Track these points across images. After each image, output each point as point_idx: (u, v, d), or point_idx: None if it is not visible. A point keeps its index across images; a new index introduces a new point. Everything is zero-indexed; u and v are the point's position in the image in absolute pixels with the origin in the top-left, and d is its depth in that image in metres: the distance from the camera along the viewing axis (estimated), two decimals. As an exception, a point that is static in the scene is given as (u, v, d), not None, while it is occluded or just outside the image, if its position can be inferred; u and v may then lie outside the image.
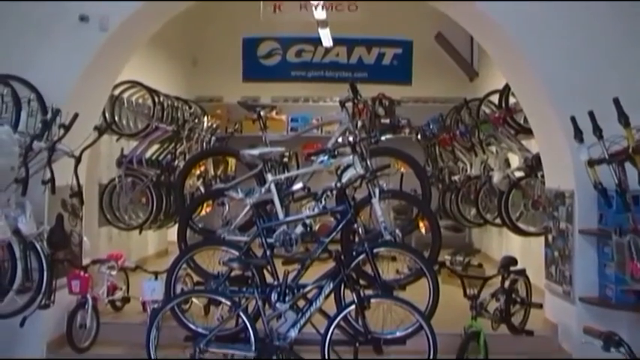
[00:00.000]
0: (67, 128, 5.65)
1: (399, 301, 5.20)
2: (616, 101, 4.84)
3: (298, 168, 6.80)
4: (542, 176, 6.84)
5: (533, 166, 7.31)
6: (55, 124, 5.64)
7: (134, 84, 8.51)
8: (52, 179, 5.62)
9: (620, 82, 5.59)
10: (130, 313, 6.82)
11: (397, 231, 5.59)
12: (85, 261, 6.45)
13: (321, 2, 8.49)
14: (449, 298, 5.61)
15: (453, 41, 11.80)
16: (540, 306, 6.08)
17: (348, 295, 5.23)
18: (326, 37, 10.93)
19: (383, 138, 5.78)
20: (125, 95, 8.51)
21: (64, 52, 6.06)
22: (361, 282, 5.45)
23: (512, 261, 6.02)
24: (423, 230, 6.36)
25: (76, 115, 5.70)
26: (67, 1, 6.02)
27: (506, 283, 5.83)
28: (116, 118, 8.29)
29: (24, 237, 5.14)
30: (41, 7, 6.03)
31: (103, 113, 7.68)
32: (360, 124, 6.22)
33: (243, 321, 5.08)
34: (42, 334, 5.78)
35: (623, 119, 4.79)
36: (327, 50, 12.16)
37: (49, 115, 5.63)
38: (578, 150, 5.18)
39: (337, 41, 11.53)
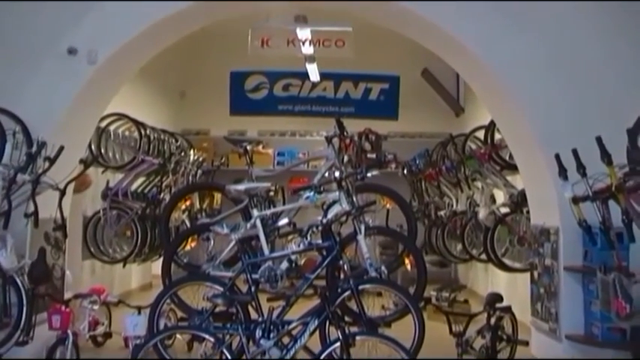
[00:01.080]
0: (52, 161, 5.63)
1: (384, 339, 5.12)
2: (599, 140, 4.89)
3: (284, 203, 6.78)
4: (528, 212, 6.87)
5: (519, 202, 7.34)
6: (41, 157, 5.62)
7: (121, 116, 8.52)
8: (36, 212, 5.58)
9: (604, 120, 5.66)
10: (111, 348, 6.73)
11: (383, 267, 5.56)
12: (67, 295, 6.37)
13: (309, 38, 8.55)
14: (435, 335, 5.57)
15: (440, 77, 11.93)
16: (527, 343, 6.06)
17: (333, 332, 5.17)
18: (313, 72, 11.02)
19: (369, 175, 5.78)
20: (112, 127, 8.52)
21: (52, 84, 6.07)
22: (346, 319, 5.40)
23: (498, 297, 6.01)
24: (408, 266, 6.34)
25: (61, 148, 5.69)
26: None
27: (492, 320, 5.81)
28: (102, 151, 8.27)
29: (4, 271, 5.07)
30: (29, 38, 6.04)
31: (90, 145, 7.65)
32: (346, 158, 6.24)
33: (227, 358, 5.00)
34: (20, 371, 5.67)
35: (606, 158, 4.83)
36: (314, 85, 12.23)
37: (34, 148, 5.61)
38: (563, 187, 5.22)
39: (324, 76, 11.61)
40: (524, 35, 5.99)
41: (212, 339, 5.09)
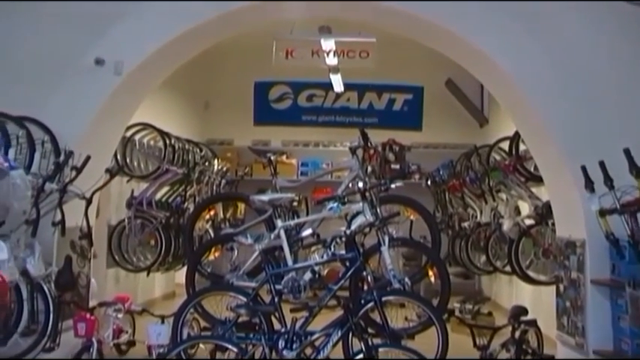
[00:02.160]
0: (78, 170, 5.69)
1: (407, 351, 5.11)
2: (627, 152, 4.83)
3: (307, 213, 6.79)
4: (553, 224, 6.79)
5: (544, 214, 7.27)
6: (68, 166, 5.68)
7: (146, 126, 8.60)
8: (63, 221, 5.64)
9: (632, 132, 5.58)
10: (134, 357, 6.75)
11: (406, 279, 5.53)
12: (92, 303, 6.42)
13: (333, 49, 8.58)
14: (458, 348, 5.53)
15: (464, 88, 11.89)
16: (552, 358, 5.97)
17: (356, 344, 5.15)
18: (337, 83, 11.03)
19: (393, 186, 5.77)
20: (137, 137, 8.59)
21: (79, 94, 6.13)
22: (369, 330, 5.38)
23: (523, 311, 5.95)
24: (432, 278, 6.29)
25: (88, 158, 5.75)
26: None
27: (517, 334, 5.74)
28: (127, 160, 8.34)
29: (32, 278, 5.13)
30: (58, 49, 6.12)
31: (115, 155, 7.73)
32: (369, 169, 6.23)
33: (250, 368, 5.02)
34: (46, 377, 5.72)
35: (635, 170, 4.77)
36: (338, 95, 12.26)
37: (61, 157, 5.67)
38: (590, 200, 5.16)
39: (348, 86, 11.62)
40: (549, 46, 5.94)
41: (235, 349, 5.11)
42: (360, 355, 5.04)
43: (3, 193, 3.02)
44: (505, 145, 8.47)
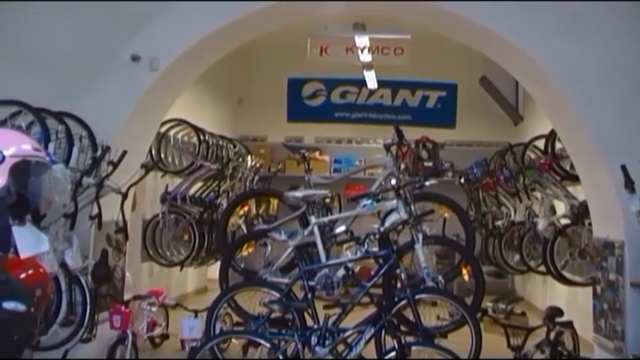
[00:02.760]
0: (115, 165, 5.76)
1: (440, 350, 5.08)
2: (669, 151, 4.73)
3: (340, 210, 6.78)
4: (590, 225, 6.68)
5: (580, 214, 7.17)
6: (105, 161, 5.75)
7: (180, 122, 8.66)
8: (99, 214, 5.71)
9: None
10: (168, 350, 6.83)
11: (440, 277, 5.50)
12: (127, 296, 6.50)
13: (367, 45, 8.55)
14: (491, 348, 5.48)
15: (498, 85, 11.75)
16: (590, 361, 5.86)
17: (389, 342, 5.14)
18: (371, 80, 10.99)
19: (427, 183, 5.74)
20: (171, 133, 8.66)
21: (116, 90, 6.20)
22: (402, 328, 5.36)
23: (558, 312, 5.86)
24: (466, 277, 6.25)
25: (124, 153, 5.81)
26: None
27: (552, 335, 5.66)
28: (162, 156, 8.42)
29: (70, 270, 5.21)
30: (95, 46, 6.21)
31: (150, 150, 7.81)
32: (403, 167, 6.19)
33: (282, 364, 5.03)
34: (82, 368, 5.81)
35: (677, 170, 4.67)
36: (372, 92, 12.21)
37: (99, 152, 5.75)
38: (629, 200, 5.05)
39: (382, 83, 11.57)
40: (586, 43, 5.84)
41: (268, 344, 5.13)
42: (393, 353, 5.02)
43: (45, 187, 3.08)
44: (540, 144, 8.35)
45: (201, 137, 8.60)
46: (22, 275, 2.90)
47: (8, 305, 2.59)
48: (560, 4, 5.82)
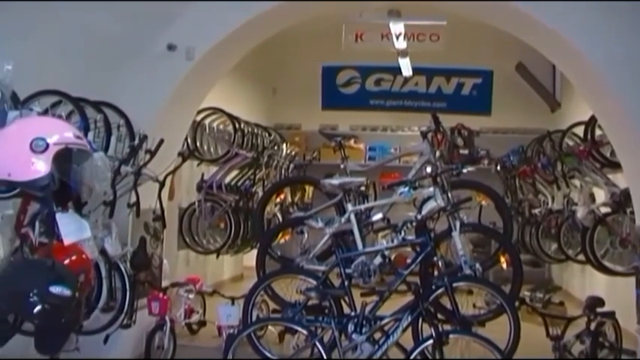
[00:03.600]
0: (152, 154, 5.81)
1: (478, 338, 5.03)
2: None
3: (376, 198, 6.76)
4: (632, 213, 6.54)
5: (622, 202, 7.02)
6: (142, 150, 5.81)
7: (216, 110, 8.70)
8: (138, 203, 5.77)
9: None
10: (205, 336, 6.91)
11: (477, 265, 5.46)
12: (164, 283, 6.58)
13: (403, 32, 8.48)
14: (529, 338, 5.40)
15: (535, 71, 11.59)
16: (634, 353, 5.72)
17: (426, 330, 5.12)
18: (406, 67, 10.91)
19: (464, 170, 5.68)
20: (207, 121, 8.70)
21: (152, 79, 6.25)
22: (439, 316, 5.33)
23: (599, 302, 5.76)
24: (503, 265, 6.19)
25: (161, 141, 5.86)
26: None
27: (593, 326, 5.56)
28: (198, 144, 8.47)
29: (109, 257, 5.28)
30: (132, 36, 6.25)
31: (186, 139, 7.86)
32: (438, 154, 6.15)
33: (319, 351, 5.04)
34: (123, 352, 5.91)
35: None
36: (406, 79, 12.13)
37: (136, 141, 5.80)
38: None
39: (416, 70, 11.48)
40: (631, 30, 5.71)
41: (305, 332, 5.15)
42: (430, 342, 4.99)
43: (87, 174, 3.12)
44: (579, 131, 8.20)
45: (237, 126, 8.62)
46: (67, 261, 2.96)
47: (55, 289, 2.64)
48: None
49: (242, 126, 8.78)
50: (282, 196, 8.18)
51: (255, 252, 6.60)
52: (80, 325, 3.74)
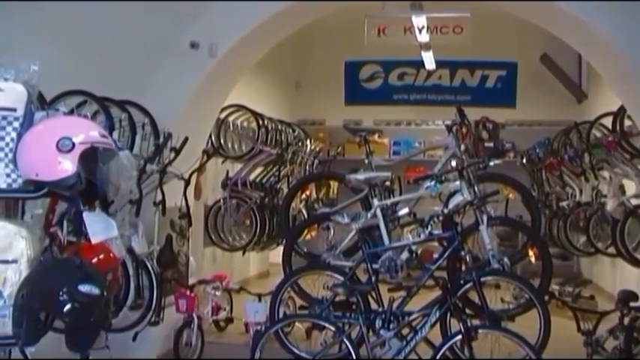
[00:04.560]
0: (177, 151, 5.82)
1: (508, 333, 4.97)
2: None
3: (401, 192, 6.71)
4: (664, 205, 6.44)
5: (653, 193, 6.90)
6: (167, 148, 5.83)
7: (239, 108, 8.70)
8: (163, 201, 5.79)
9: None
10: (232, 333, 6.92)
11: (505, 259, 5.39)
12: (191, 281, 6.60)
13: (425, 25, 8.40)
14: (559, 332, 5.31)
15: (560, 62, 11.43)
16: (669, 349, 5.62)
17: (454, 325, 5.06)
18: (429, 60, 10.82)
19: (491, 163, 5.61)
20: (231, 119, 8.71)
21: (176, 77, 6.26)
22: (467, 311, 5.27)
23: (633, 296, 5.63)
24: (532, 259, 6.11)
25: (186, 139, 5.87)
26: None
27: (626, 320, 5.44)
28: (222, 141, 8.48)
29: (136, 256, 5.30)
30: (155, 34, 6.27)
31: (210, 136, 7.87)
32: (463, 147, 6.09)
33: (347, 347, 5.02)
34: (151, 349, 5.95)
35: None
36: (430, 73, 12.05)
37: (161, 139, 5.82)
38: None
39: (440, 64, 11.38)
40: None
41: (332, 328, 5.13)
42: (459, 337, 4.94)
43: (113, 174, 3.13)
44: (607, 122, 8.07)
45: (261, 122, 8.62)
46: (94, 260, 2.97)
47: (84, 288, 2.65)
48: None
49: (266, 122, 8.78)
50: (307, 192, 8.16)
51: (280, 249, 6.60)
52: (109, 323, 3.76)
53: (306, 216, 8.12)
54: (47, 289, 2.64)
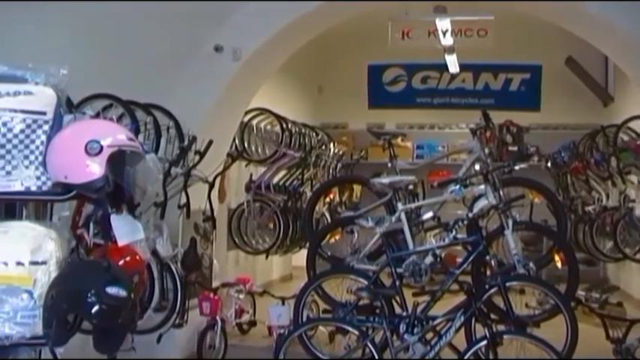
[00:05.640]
0: (202, 155, 5.85)
1: (534, 340, 4.91)
2: None
3: (424, 196, 6.67)
4: (693, 210, 6.33)
5: (682, 198, 6.79)
6: (191, 151, 5.86)
7: (263, 111, 8.72)
8: (188, 204, 5.82)
9: None
10: (256, 336, 6.92)
11: (531, 264, 5.33)
12: (215, 283, 6.63)
13: (449, 28, 8.37)
14: (586, 339, 5.24)
15: (585, 65, 11.31)
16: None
17: (479, 330, 5.02)
18: (452, 64, 10.77)
19: (517, 167, 5.57)
20: (254, 122, 8.73)
21: (200, 81, 6.30)
22: (492, 316, 5.23)
23: (663, 302, 5.54)
24: (558, 264, 6.04)
25: (210, 142, 5.90)
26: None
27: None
28: (245, 145, 8.50)
29: (161, 258, 5.33)
30: (179, 38, 6.31)
31: (234, 140, 7.90)
32: (487, 151, 6.05)
33: (371, 351, 5.00)
34: (175, 351, 5.99)
35: None
36: (453, 76, 11.99)
37: (185, 142, 5.85)
38: None
39: (463, 67, 11.31)
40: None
41: (356, 332, 5.11)
42: (484, 342, 4.90)
43: (139, 176, 3.14)
44: (635, 125, 7.98)
45: (284, 126, 8.63)
46: (121, 262, 2.98)
47: (111, 290, 2.66)
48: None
49: (289, 126, 8.78)
50: (330, 196, 8.14)
51: (303, 252, 6.59)
52: (135, 325, 3.78)
53: (329, 219, 8.11)
54: (75, 291, 2.66)
